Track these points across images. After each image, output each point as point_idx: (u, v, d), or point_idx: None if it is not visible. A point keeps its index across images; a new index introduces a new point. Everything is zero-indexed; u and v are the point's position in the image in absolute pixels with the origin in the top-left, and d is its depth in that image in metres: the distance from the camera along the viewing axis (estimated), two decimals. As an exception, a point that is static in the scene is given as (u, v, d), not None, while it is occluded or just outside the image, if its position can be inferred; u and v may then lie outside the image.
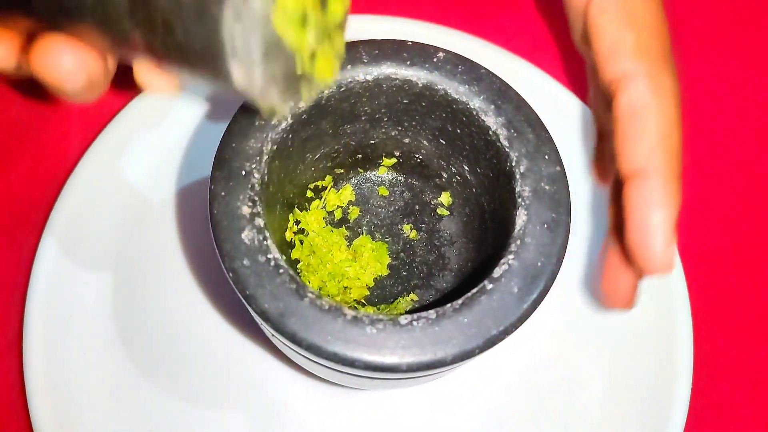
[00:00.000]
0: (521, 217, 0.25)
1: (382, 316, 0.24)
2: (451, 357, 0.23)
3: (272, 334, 0.25)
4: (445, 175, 0.31)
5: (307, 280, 0.30)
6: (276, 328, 0.23)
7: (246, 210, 0.25)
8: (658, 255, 0.25)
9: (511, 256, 0.25)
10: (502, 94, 0.27)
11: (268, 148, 0.26)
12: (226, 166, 0.25)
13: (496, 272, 0.24)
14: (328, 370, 0.26)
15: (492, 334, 0.24)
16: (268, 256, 0.24)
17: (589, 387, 0.32)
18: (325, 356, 0.23)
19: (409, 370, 0.23)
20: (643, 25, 0.27)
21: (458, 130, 0.28)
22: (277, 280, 0.24)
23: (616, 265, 0.27)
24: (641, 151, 0.25)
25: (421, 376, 0.25)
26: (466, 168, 0.30)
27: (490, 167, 0.28)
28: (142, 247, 0.33)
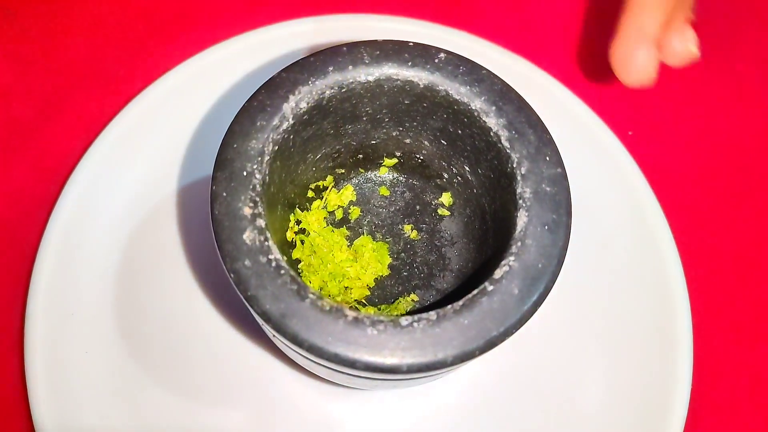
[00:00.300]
0: (522, 219, 0.26)
1: (382, 318, 0.24)
2: (452, 358, 0.23)
3: (273, 335, 0.25)
4: (446, 176, 0.31)
5: (308, 280, 0.30)
6: (277, 329, 0.23)
7: (247, 211, 0.25)
8: None
9: (511, 258, 0.25)
10: (503, 96, 0.27)
11: (270, 148, 0.26)
12: (227, 167, 0.25)
13: (497, 274, 0.25)
14: (329, 371, 0.26)
15: (492, 335, 0.24)
16: (270, 256, 0.24)
17: (589, 387, 0.32)
18: (326, 357, 0.23)
19: (410, 371, 0.23)
20: None
21: (459, 131, 0.28)
22: (279, 281, 0.24)
23: (629, 34, 0.29)
24: None
25: (422, 376, 0.25)
26: (467, 169, 0.30)
27: (491, 168, 0.28)
28: (144, 246, 0.34)
